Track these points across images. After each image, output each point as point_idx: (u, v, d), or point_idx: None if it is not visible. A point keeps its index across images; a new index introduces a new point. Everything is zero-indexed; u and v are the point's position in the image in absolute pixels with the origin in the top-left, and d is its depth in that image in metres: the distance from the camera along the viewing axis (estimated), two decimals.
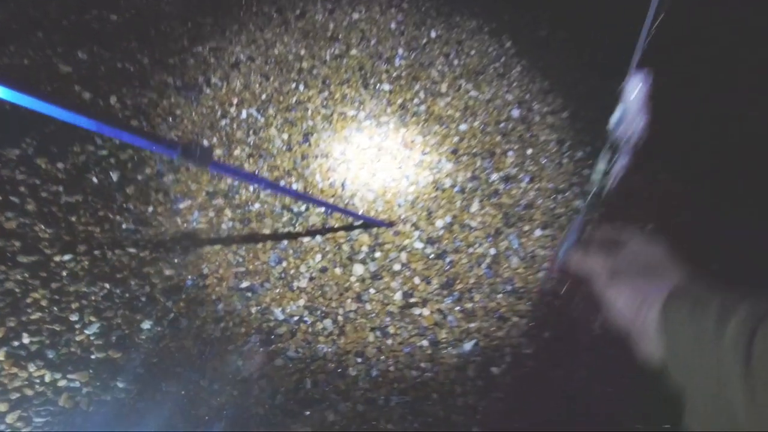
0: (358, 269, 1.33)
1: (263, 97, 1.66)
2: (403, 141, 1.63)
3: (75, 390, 1.04)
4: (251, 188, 1.44)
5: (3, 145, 1.36)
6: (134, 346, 1.11)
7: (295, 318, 1.24)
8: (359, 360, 1.20)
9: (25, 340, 1.08)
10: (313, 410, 1.12)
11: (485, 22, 2.05)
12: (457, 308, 1.31)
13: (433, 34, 1.99)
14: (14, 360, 1.05)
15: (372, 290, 1.30)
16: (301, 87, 1.71)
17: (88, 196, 1.32)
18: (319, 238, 1.37)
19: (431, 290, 1.33)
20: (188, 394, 1.09)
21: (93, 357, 1.08)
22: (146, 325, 1.14)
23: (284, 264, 1.31)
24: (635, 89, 0.68)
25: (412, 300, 1.30)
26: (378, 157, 1.58)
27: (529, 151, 1.69)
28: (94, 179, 1.35)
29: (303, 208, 1.42)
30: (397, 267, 1.35)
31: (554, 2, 2.11)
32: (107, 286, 1.18)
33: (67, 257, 1.20)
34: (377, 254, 1.36)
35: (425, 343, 1.24)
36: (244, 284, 1.27)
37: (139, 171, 1.39)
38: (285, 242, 1.35)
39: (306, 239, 1.36)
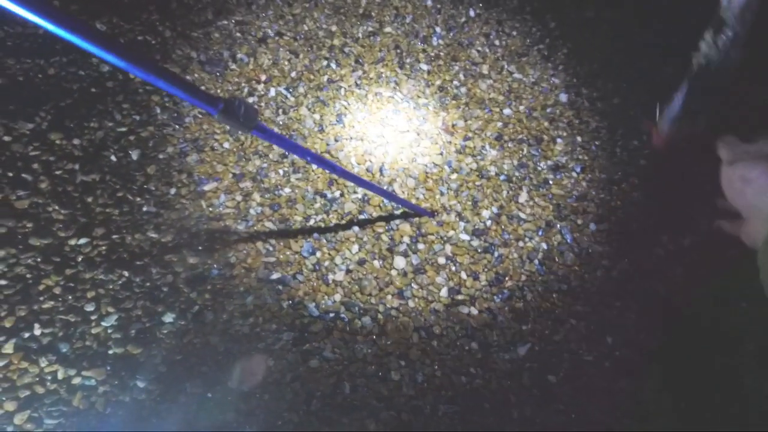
0: (400, 262, 1.20)
1: (293, 74, 1.53)
2: (444, 125, 1.50)
3: (90, 389, 0.93)
4: (281, 172, 1.32)
5: (15, 119, 1.25)
6: (155, 341, 0.99)
7: (331, 314, 1.12)
8: (402, 363, 1.07)
9: (37, 331, 0.97)
10: (352, 418, 1.00)
11: (527, 2, 1.91)
12: (507, 308, 1.18)
13: (471, 13, 1.84)
14: (24, 353, 0.94)
15: (415, 285, 1.18)
16: (333, 65, 1.58)
17: (105, 175, 1.20)
18: (356, 227, 1.24)
19: (480, 287, 1.20)
20: (215, 396, 0.97)
21: (110, 352, 0.97)
22: (168, 318, 1.02)
23: (318, 255, 1.19)
24: None
25: (459, 297, 1.17)
26: (417, 142, 1.44)
27: (579, 139, 1.54)
28: (113, 157, 1.23)
29: (337, 194, 1.30)
30: (441, 260, 1.22)
31: None
32: (126, 273, 1.06)
33: (82, 241, 1.09)
34: (420, 246, 1.23)
35: (475, 345, 1.11)
36: (275, 276, 1.15)
37: (161, 149, 1.28)
38: (318, 231, 1.23)
39: (342, 228, 1.24)
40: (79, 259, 1.06)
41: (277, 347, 1.06)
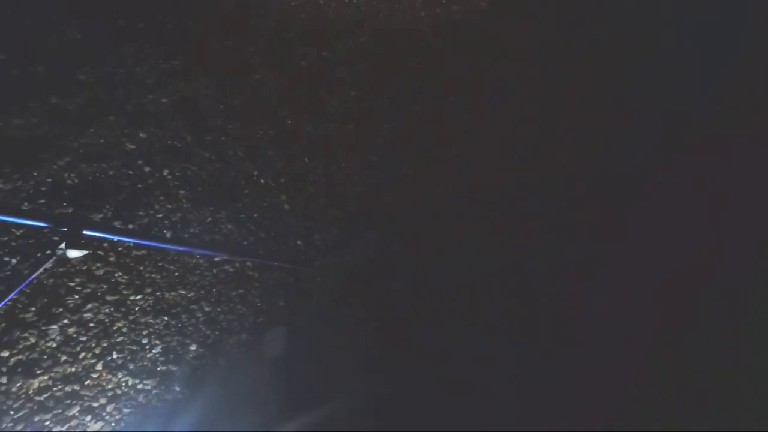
0: None
1: (274, 167, 2.13)
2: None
3: (147, 391, 1.53)
4: None
5: (90, 211, 1.85)
6: (185, 362, 1.59)
7: None
8: None
9: (114, 355, 1.58)
10: None
11: None
12: None
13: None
14: (108, 369, 1.55)
15: None
16: (306, 159, 2.17)
17: (150, 250, 1.81)
18: None
19: None
20: (226, 393, 1.58)
21: (158, 369, 1.57)
22: (193, 347, 1.62)
23: None
24: None
25: None
26: None
27: None
28: (155, 236, 1.84)
29: None
30: None
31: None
32: (166, 318, 1.67)
33: (138, 297, 1.69)
34: None
35: None
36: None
37: (186, 230, 1.88)
38: None
39: None
40: (136, 309, 1.67)
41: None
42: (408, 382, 1.71)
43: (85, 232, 1.50)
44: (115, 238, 1.64)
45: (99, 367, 1.55)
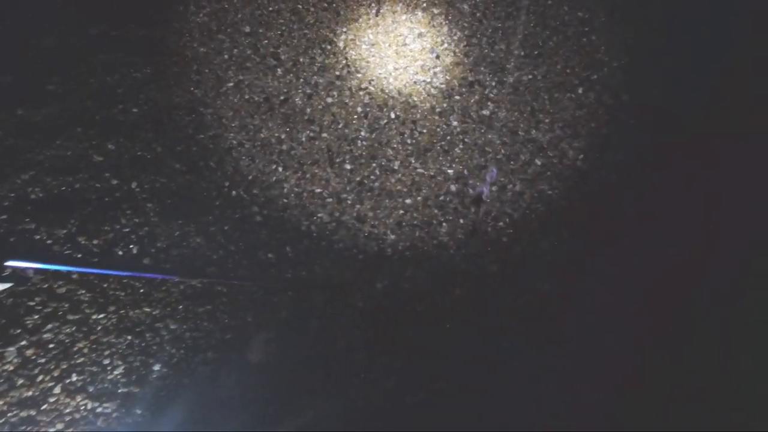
0: None
1: (249, 178, 2.06)
2: (357, 215, 2.02)
3: (107, 415, 1.46)
4: None
5: (54, 226, 1.78)
6: (148, 383, 1.52)
7: None
8: None
9: (74, 378, 1.51)
10: None
11: (437, 104, 2.41)
12: None
13: (392, 115, 2.36)
14: (67, 392, 1.48)
15: None
16: (280, 168, 2.10)
17: (115, 266, 1.74)
18: None
19: None
20: (191, 416, 1.51)
21: (119, 391, 1.50)
22: (156, 367, 1.55)
23: None
24: None
25: None
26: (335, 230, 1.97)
27: (462, 221, 2.06)
28: (120, 252, 1.77)
29: None
30: None
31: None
32: (129, 337, 1.59)
33: (101, 316, 1.62)
34: None
35: None
36: None
37: (153, 245, 1.81)
38: None
39: None
40: (99, 328, 1.59)
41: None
42: (389, 392, 1.64)
43: (7, 263, 1.43)
44: (40, 267, 1.57)
45: (57, 390, 1.48)
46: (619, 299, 1.91)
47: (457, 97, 2.46)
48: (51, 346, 1.54)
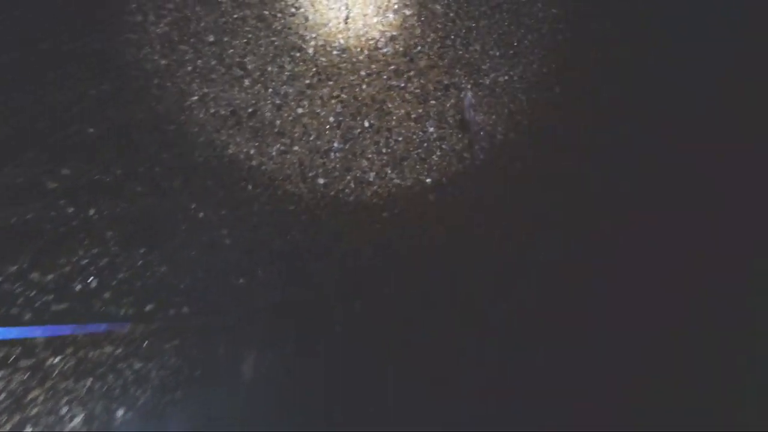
0: None
1: (215, 199, 1.94)
2: (333, 232, 1.92)
3: None
4: None
5: (4, 262, 1.64)
6: (111, 430, 1.40)
7: None
8: None
9: (28, 430, 1.38)
10: None
11: (413, 109, 2.32)
12: None
13: (366, 123, 2.26)
14: None
15: None
16: (250, 186, 1.99)
17: (72, 302, 1.61)
18: None
19: None
20: None
21: None
22: (120, 412, 1.43)
23: None
24: None
25: None
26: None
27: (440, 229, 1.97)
28: (78, 287, 1.63)
29: None
30: None
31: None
32: (89, 381, 1.47)
33: (57, 359, 1.49)
34: None
35: None
36: None
37: (114, 276, 1.68)
38: None
39: None
40: (55, 373, 1.47)
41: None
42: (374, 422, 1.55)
43: None
44: None
45: None
46: (618, 301, 1.86)
47: (433, 102, 2.37)
48: (2, 396, 1.41)
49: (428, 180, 2.09)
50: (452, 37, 2.63)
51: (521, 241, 1.95)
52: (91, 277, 1.65)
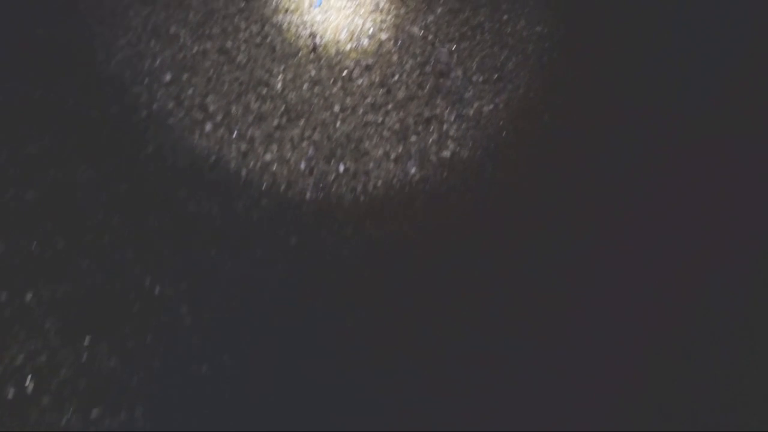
0: None
1: (173, 268, 1.72)
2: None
3: None
4: None
5: None
6: None
7: None
8: None
9: None
10: None
11: (392, 147, 2.12)
12: None
13: (341, 168, 2.05)
14: None
15: None
16: (213, 250, 1.77)
17: (3, 412, 1.38)
18: None
19: None
20: None
21: None
22: None
23: None
24: None
25: None
26: None
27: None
28: (10, 395, 1.41)
29: None
30: None
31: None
32: None
33: None
34: None
35: None
36: None
37: (54, 376, 1.46)
38: None
39: None
40: None
41: None
42: None
43: None
44: None
45: None
46: (617, 303, 1.70)
47: (414, 138, 2.17)
48: None
49: (411, 230, 1.89)
50: (432, 62, 2.43)
51: (511, 295, 1.77)
52: (27, 379, 1.42)
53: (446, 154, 2.11)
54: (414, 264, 1.81)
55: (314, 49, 2.40)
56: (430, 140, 2.16)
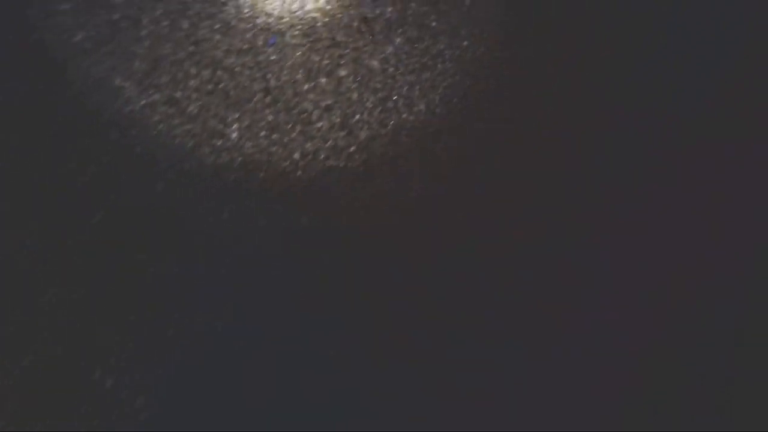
0: None
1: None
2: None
3: None
4: None
5: None
6: None
7: None
8: None
9: None
10: None
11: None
12: None
13: (306, 221, 1.95)
14: None
15: None
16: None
17: None
18: None
19: None
20: None
21: None
22: None
23: None
24: None
25: None
26: None
27: None
28: None
29: None
30: None
31: None
32: None
33: None
34: None
35: None
36: None
37: None
38: None
39: None
40: None
41: None
42: None
43: None
44: None
45: None
46: (615, 303, 1.65)
47: (379, 180, 2.08)
48: None
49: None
50: (394, 97, 2.35)
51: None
52: None
53: (413, 194, 2.04)
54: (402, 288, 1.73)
55: (270, 92, 2.29)
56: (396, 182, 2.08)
